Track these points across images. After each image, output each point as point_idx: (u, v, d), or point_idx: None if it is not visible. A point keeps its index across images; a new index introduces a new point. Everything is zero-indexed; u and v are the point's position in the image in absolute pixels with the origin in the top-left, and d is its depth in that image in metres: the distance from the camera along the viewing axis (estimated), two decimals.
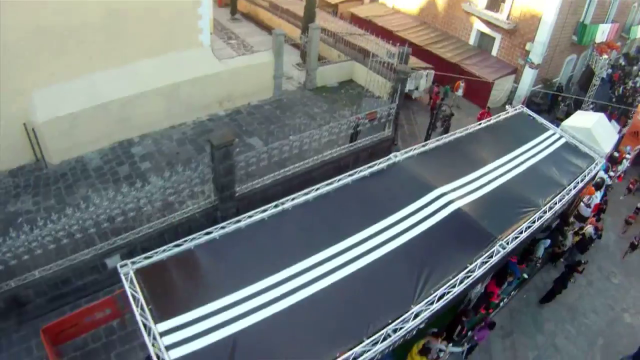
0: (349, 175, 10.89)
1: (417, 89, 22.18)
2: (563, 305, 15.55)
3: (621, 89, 28.67)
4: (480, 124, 14.22)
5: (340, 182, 10.73)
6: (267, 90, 19.12)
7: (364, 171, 11.08)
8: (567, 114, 23.78)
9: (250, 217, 9.47)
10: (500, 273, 12.57)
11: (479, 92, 22.87)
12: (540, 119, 15.55)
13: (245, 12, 27.81)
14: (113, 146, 15.42)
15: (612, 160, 22.37)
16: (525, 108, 15.95)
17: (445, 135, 13.36)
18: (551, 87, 25.22)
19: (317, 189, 10.48)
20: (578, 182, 12.90)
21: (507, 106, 16.48)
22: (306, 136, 14.22)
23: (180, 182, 11.54)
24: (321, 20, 22.91)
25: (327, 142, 14.96)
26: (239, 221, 9.33)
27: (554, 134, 15.01)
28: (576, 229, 16.97)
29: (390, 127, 16.82)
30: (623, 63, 33.71)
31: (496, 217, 10.64)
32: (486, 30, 25.11)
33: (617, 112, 25.27)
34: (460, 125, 21.36)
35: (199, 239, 8.83)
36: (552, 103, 25.22)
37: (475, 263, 9.21)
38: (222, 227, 9.13)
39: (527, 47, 23.49)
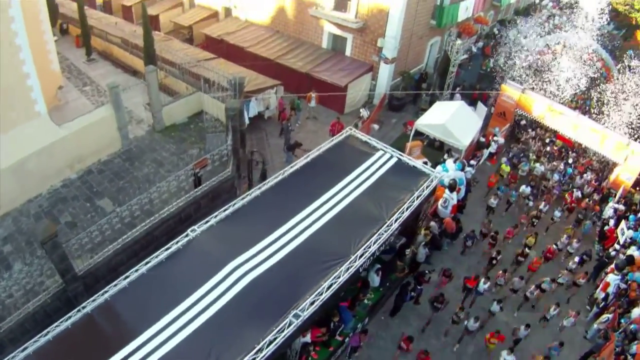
0: (146, 263, 10.93)
1: (267, 108, 22.26)
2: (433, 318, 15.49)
3: (491, 62, 29.51)
4: (294, 165, 14.26)
5: (138, 273, 10.73)
6: (115, 142, 18.82)
7: (160, 255, 11.10)
8: (432, 103, 24.46)
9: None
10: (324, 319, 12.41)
11: (335, 97, 23.10)
12: (370, 140, 15.67)
13: (101, 51, 26.92)
14: None
15: (480, 146, 23.29)
16: (353, 130, 16.21)
17: (252, 190, 13.26)
18: (411, 78, 25.90)
19: (115, 284, 10.55)
20: (404, 211, 12.83)
21: (361, 109, 16.70)
22: (134, 203, 14.82)
23: (33, 270, 13.29)
24: (166, 52, 22.52)
25: (174, 191, 15.70)
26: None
27: (384, 154, 15.08)
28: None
29: (230, 165, 16.83)
30: (497, 32, 34.32)
31: (294, 281, 10.73)
32: (337, 31, 25.50)
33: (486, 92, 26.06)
34: (316, 137, 21.97)
35: None
36: (416, 94, 25.98)
37: (264, 341, 9.34)
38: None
39: (378, 44, 24.05)
